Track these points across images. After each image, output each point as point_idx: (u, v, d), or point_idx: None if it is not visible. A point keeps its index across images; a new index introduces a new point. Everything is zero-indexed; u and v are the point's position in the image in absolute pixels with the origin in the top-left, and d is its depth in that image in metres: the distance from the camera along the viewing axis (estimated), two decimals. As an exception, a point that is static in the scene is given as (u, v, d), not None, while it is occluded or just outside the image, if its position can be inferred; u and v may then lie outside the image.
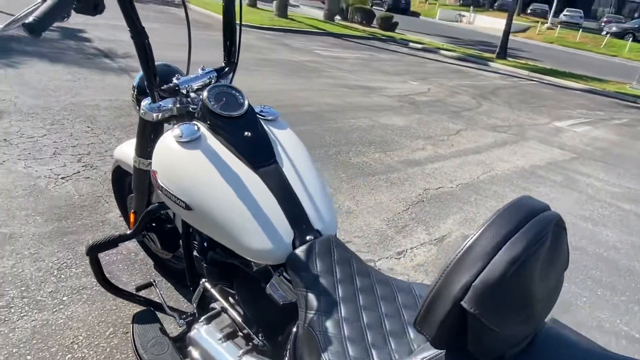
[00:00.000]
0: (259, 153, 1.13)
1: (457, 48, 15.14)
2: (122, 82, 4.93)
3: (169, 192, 1.11)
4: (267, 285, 1.04)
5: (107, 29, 7.97)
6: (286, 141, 1.23)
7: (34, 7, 0.85)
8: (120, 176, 1.87)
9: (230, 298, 1.24)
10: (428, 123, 5.53)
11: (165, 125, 1.35)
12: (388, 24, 17.18)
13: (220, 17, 1.35)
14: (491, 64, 13.00)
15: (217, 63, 1.38)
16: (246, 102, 1.19)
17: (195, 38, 1.38)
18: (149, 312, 1.43)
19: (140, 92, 1.39)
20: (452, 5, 37.92)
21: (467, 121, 5.96)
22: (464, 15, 31.51)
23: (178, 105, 1.27)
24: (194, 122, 1.18)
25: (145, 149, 1.37)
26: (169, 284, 1.96)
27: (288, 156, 1.19)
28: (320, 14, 18.14)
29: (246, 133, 1.14)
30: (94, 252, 1.40)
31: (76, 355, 1.55)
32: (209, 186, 1.06)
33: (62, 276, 1.88)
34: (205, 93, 1.17)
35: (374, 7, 24.06)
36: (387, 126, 5.11)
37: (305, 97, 5.75)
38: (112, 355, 1.58)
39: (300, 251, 1.02)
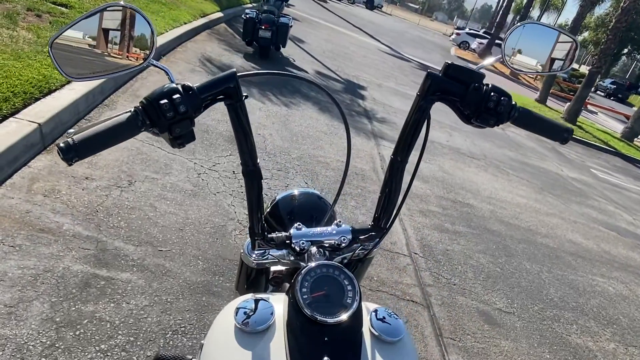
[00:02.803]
0: None
1: None
2: (365, 146, 5.03)
3: None
4: None
5: (387, 91, 8.50)
6: None
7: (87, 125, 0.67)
8: None
9: None
10: None
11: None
12: None
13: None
14: None
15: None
16: (354, 305, 0.79)
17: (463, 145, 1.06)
18: None
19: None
20: None
21: None
22: None
23: (288, 259, 0.97)
24: (278, 298, 0.84)
25: (242, 286, 1.12)
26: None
27: None
28: (619, 128, 15.65)
29: (325, 359, 0.73)
30: (159, 365, 1.21)
31: None
32: None
33: (170, 342, 1.80)
34: (303, 271, 0.82)
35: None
36: (649, 307, 3.75)
37: (550, 225, 4.78)
38: None
39: None
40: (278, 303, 0.83)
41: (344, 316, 0.77)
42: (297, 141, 4.45)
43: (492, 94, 0.82)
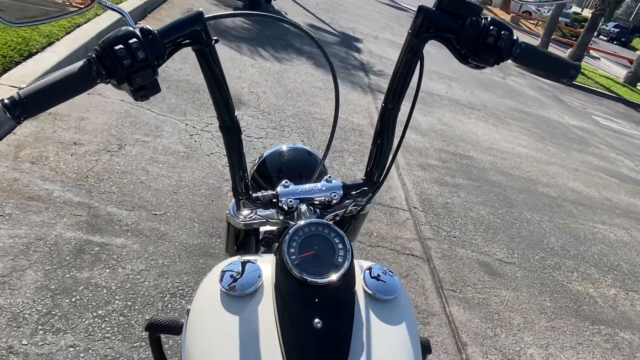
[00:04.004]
0: None
1: None
2: (362, 101, 4.90)
3: (182, 347, 0.78)
4: None
5: (383, 43, 8.24)
6: (385, 349, 0.73)
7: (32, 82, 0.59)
8: None
9: None
10: None
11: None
12: None
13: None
14: None
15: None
16: (346, 264, 0.74)
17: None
18: None
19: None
20: None
21: None
22: None
23: (277, 219, 0.92)
24: (267, 259, 0.80)
25: (232, 248, 1.07)
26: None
27: None
28: (621, 73, 15.34)
29: (316, 321, 0.69)
30: (154, 331, 1.18)
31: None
32: None
33: (169, 305, 1.79)
34: (290, 231, 0.77)
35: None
36: (649, 252, 3.76)
37: (551, 174, 4.73)
38: None
39: None
40: (266, 264, 0.79)
41: (334, 276, 0.72)
42: (292, 98, 4.33)
43: (491, 27, 0.74)
